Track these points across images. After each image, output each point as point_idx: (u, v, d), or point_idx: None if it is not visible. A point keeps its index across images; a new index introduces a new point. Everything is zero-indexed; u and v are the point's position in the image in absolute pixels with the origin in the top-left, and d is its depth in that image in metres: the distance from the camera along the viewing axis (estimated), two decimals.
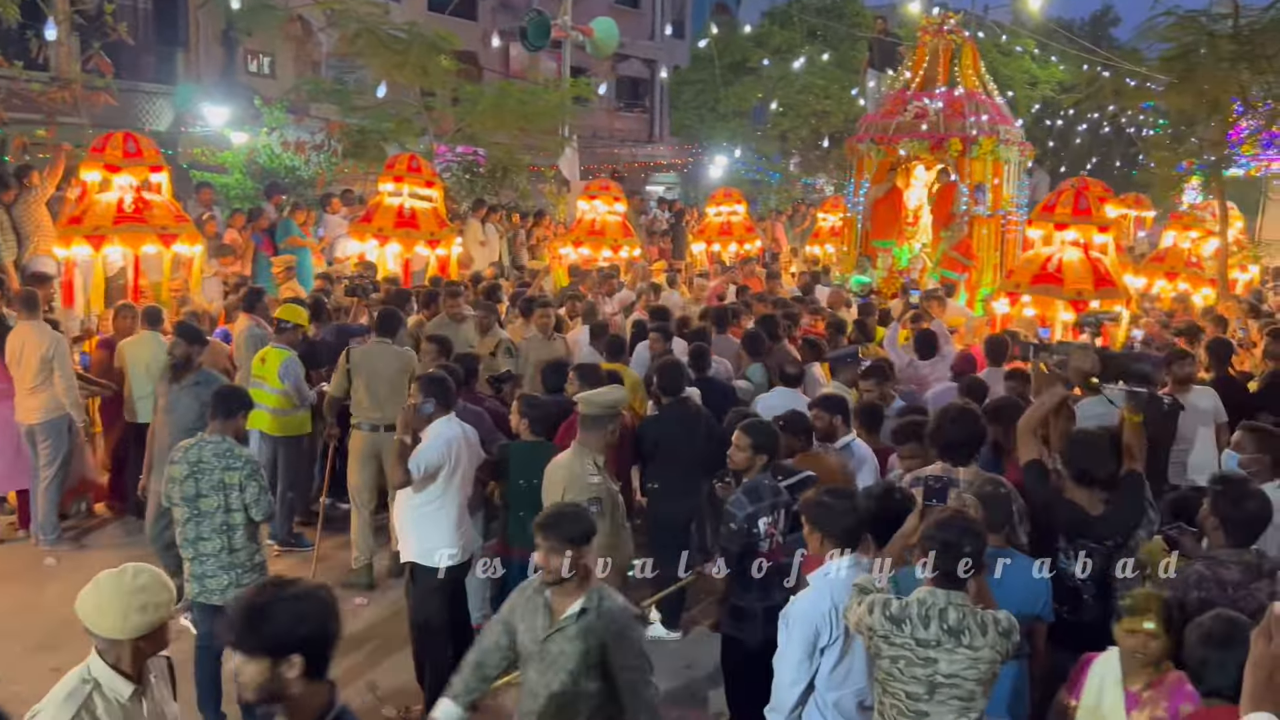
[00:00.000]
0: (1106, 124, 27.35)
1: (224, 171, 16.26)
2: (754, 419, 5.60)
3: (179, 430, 6.85)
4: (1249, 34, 11.23)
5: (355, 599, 7.61)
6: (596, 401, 5.36)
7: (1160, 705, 3.76)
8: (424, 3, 27.25)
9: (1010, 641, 3.64)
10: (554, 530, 3.86)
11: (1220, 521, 4.21)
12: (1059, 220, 9.78)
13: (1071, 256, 9.62)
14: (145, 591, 3.39)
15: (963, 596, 3.67)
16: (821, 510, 4.19)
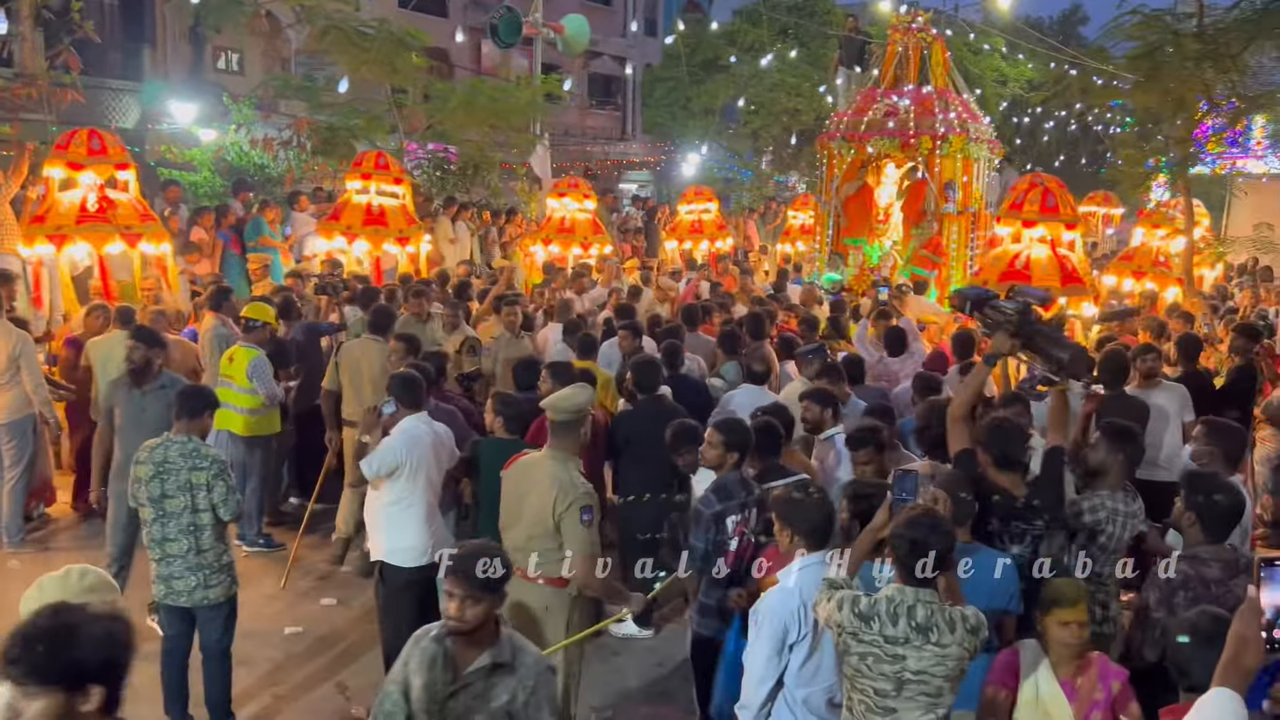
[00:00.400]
0: (1074, 122, 27.57)
1: (192, 169, 16.11)
2: (728, 417, 5.61)
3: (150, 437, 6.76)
4: (1213, 33, 11.34)
5: (324, 599, 7.57)
6: (564, 407, 5.20)
7: (1097, 690, 3.86)
8: (394, 0, 27.12)
9: (978, 638, 3.66)
10: (467, 574, 3.48)
11: (1196, 517, 4.25)
12: (1027, 218, 9.85)
13: (1039, 254, 9.69)
14: (93, 591, 3.32)
15: (931, 594, 3.67)
16: (791, 507, 4.19)
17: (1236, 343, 8.58)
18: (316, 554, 8.45)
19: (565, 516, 4.97)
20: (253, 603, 7.34)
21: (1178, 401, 7.51)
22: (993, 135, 16.24)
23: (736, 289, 12.97)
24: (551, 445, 5.22)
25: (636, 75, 34.83)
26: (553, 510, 4.99)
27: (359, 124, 15.95)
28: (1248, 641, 2.38)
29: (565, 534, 4.99)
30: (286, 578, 7.78)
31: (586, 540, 4.95)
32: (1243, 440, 5.43)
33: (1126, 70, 12.49)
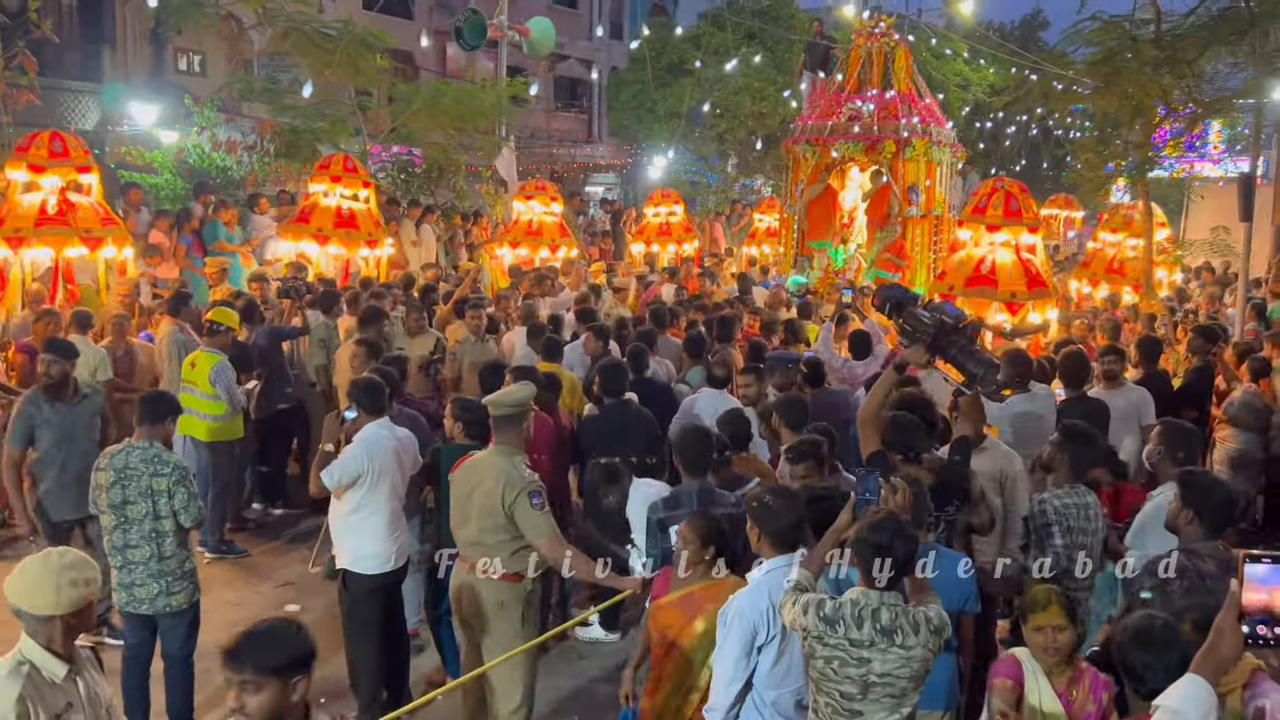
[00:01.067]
0: (1035, 126, 27.86)
1: (153, 171, 15.93)
2: (687, 427, 5.64)
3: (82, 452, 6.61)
4: (1170, 39, 11.51)
5: (287, 605, 7.51)
6: (505, 402, 5.29)
7: (1089, 702, 3.86)
8: (359, 1, 26.95)
9: (941, 638, 3.69)
10: (252, 658, 3.00)
11: (1195, 515, 4.32)
12: (990, 222, 9.91)
13: (1004, 258, 9.77)
14: (74, 568, 3.45)
15: (895, 596, 3.69)
16: (761, 508, 4.18)
17: (1194, 343, 8.70)
18: (279, 560, 8.40)
19: (516, 506, 5.05)
20: (215, 610, 7.26)
21: (1136, 404, 7.60)
22: (955, 139, 16.39)
23: (699, 292, 13.01)
24: (496, 441, 5.32)
25: (602, 78, 34.82)
26: (501, 503, 5.06)
27: (322, 126, 15.81)
28: (1225, 633, 2.47)
29: (521, 524, 5.06)
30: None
31: (544, 524, 5.05)
32: (1196, 441, 5.49)
33: (1086, 75, 12.64)
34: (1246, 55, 11.79)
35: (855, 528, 3.81)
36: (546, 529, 5.06)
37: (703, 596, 4.44)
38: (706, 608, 4.38)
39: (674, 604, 4.53)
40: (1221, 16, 11.37)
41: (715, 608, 4.26)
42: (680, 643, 4.47)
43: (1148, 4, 12.72)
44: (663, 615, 4.55)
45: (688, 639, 4.45)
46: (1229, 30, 11.20)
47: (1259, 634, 2.45)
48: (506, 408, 5.28)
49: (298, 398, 9.59)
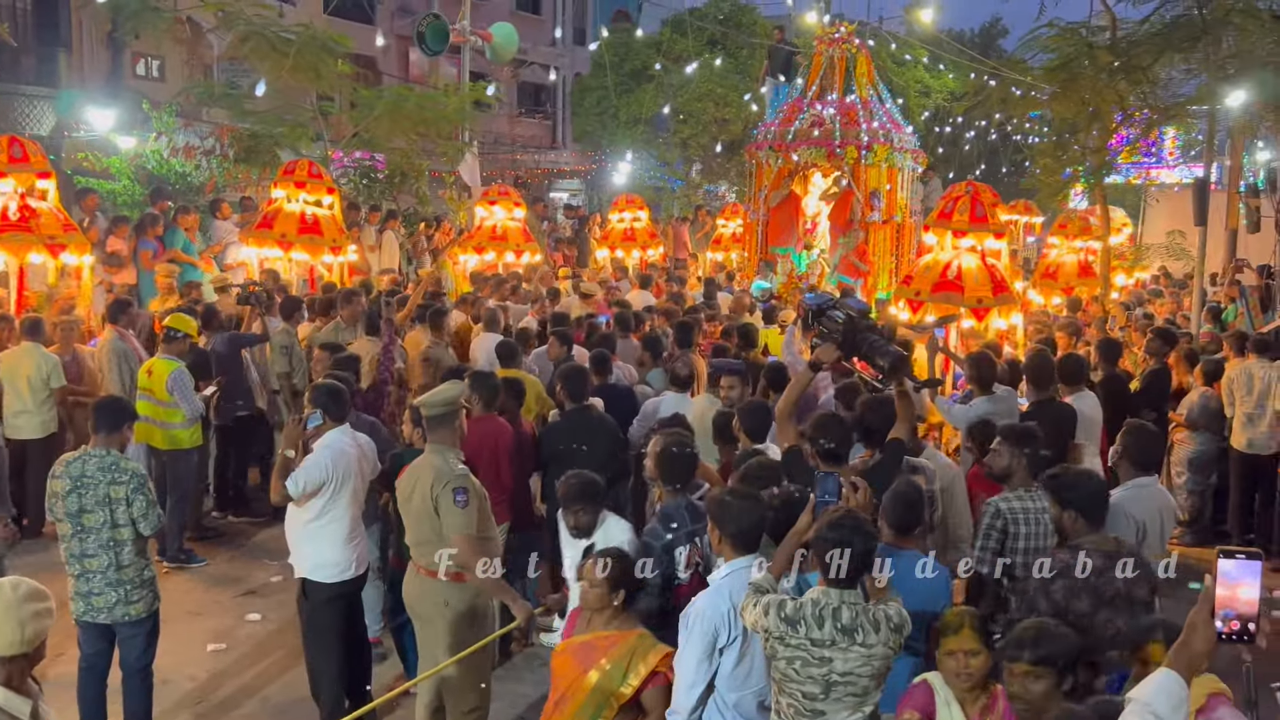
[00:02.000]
0: (994, 131, 28.13)
1: (110, 178, 15.72)
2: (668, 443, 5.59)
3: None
4: (1125, 46, 11.68)
5: (248, 614, 7.43)
6: (434, 402, 5.33)
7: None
8: (320, 5, 26.77)
9: (902, 636, 3.70)
10: None
11: (1075, 514, 4.41)
12: (956, 227, 9.94)
13: (970, 263, 9.84)
14: (32, 599, 3.33)
15: (856, 595, 3.70)
16: (722, 509, 4.16)
17: (1153, 345, 8.81)
18: (240, 569, 8.31)
19: (440, 500, 5.08)
20: (174, 619, 7.17)
21: (1090, 406, 7.66)
22: (916, 145, 16.53)
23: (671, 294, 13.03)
24: (430, 441, 5.36)
25: (566, 84, 34.80)
26: (431, 497, 5.09)
27: (282, 132, 15.68)
28: (1197, 628, 2.49)
29: (442, 518, 5.08)
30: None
31: (462, 521, 5.04)
32: (1157, 442, 5.56)
33: (1044, 81, 12.80)
34: (1199, 62, 11.99)
35: (814, 527, 3.82)
36: (462, 527, 5.05)
37: (602, 646, 4.18)
38: (602, 661, 4.14)
39: (572, 651, 4.27)
40: (1175, 24, 11.55)
41: (612, 662, 4.07)
42: (570, 697, 4.20)
43: (1103, 11, 12.92)
44: (559, 662, 4.30)
45: (577, 693, 4.18)
46: (1182, 37, 11.38)
47: (1232, 629, 2.47)
48: (437, 407, 5.32)
49: (258, 405, 9.50)
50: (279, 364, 9.35)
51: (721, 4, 31.21)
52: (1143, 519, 5.05)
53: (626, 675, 4.12)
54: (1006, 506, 5.08)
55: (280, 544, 7.61)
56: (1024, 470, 5.15)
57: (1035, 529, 5.03)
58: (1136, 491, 5.14)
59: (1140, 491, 5.15)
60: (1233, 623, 2.46)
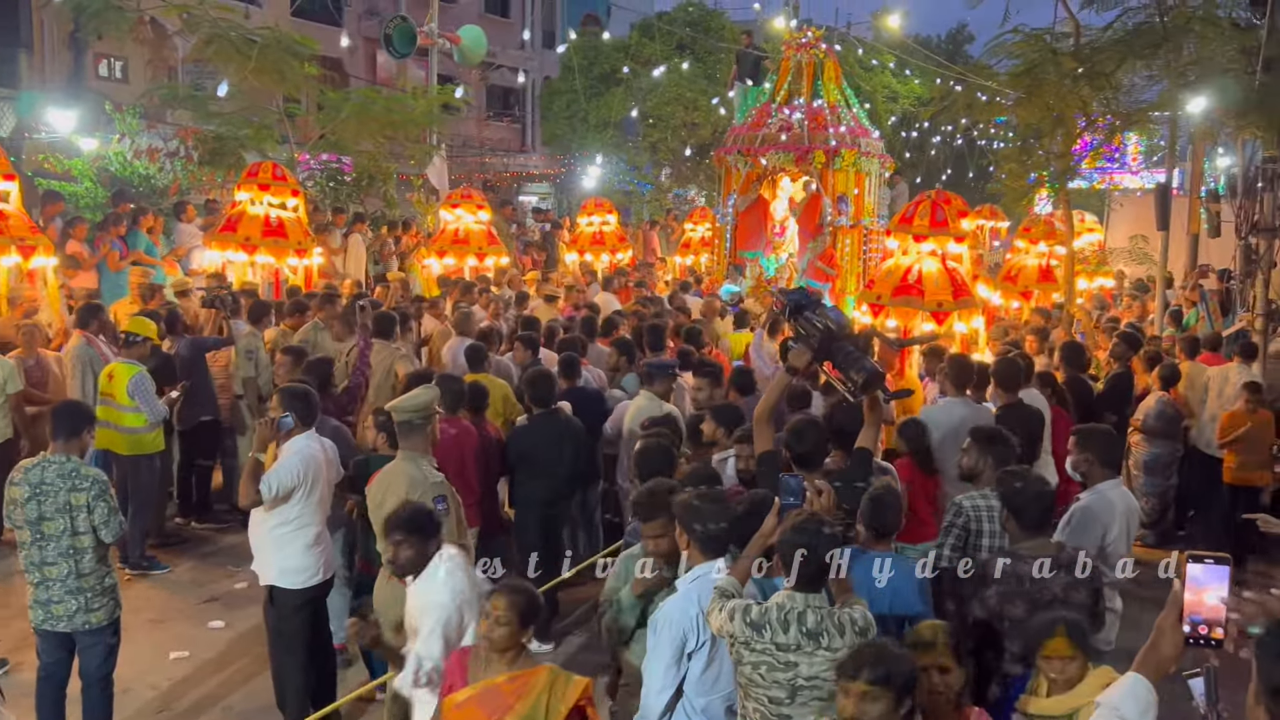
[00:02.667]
0: (960, 137, 28.36)
1: (72, 180, 15.53)
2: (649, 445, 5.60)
3: None
4: (1089, 52, 11.78)
5: (211, 622, 7.35)
6: (407, 407, 5.31)
7: None
8: (286, 7, 26.59)
9: (867, 639, 3.68)
10: None
11: (1010, 514, 4.50)
12: (917, 232, 10.03)
13: (930, 267, 9.90)
14: None
15: (821, 599, 3.71)
16: (690, 512, 4.15)
17: (1117, 349, 8.90)
18: (203, 575, 8.22)
19: None
20: (135, 627, 7.09)
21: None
22: (883, 150, 16.62)
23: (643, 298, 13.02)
24: (401, 448, 5.35)
25: (534, 87, 34.75)
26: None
27: (248, 134, 15.54)
28: (1165, 632, 2.52)
29: None
30: None
31: (444, 529, 4.95)
32: (1116, 444, 5.61)
33: (1009, 86, 12.90)
34: (1161, 69, 12.12)
35: (779, 530, 3.82)
36: (445, 535, 4.94)
37: (510, 691, 3.70)
38: (516, 707, 3.65)
39: (477, 701, 3.72)
40: (1137, 31, 11.66)
41: (528, 706, 3.64)
42: None
43: (1066, 18, 13.04)
44: (460, 715, 3.72)
45: None
46: (1144, 44, 11.49)
47: (1199, 633, 2.49)
48: (409, 413, 5.30)
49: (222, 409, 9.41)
50: (244, 369, 9.25)
51: (689, 9, 31.31)
52: (1108, 522, 5.10)
53: (547, 718, 3.68)
54: (970, 505, 5.12)
55: (244, 550, 7.54)
56: (990, 470, 5.18)
57: (998, 527, 5.02)
58: (1106, 493, 5.18)
59: (1112, 493, 5.20)
60: (1200, 627, 2.48)
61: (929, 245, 9.97)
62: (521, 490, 7.16)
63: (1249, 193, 12.22)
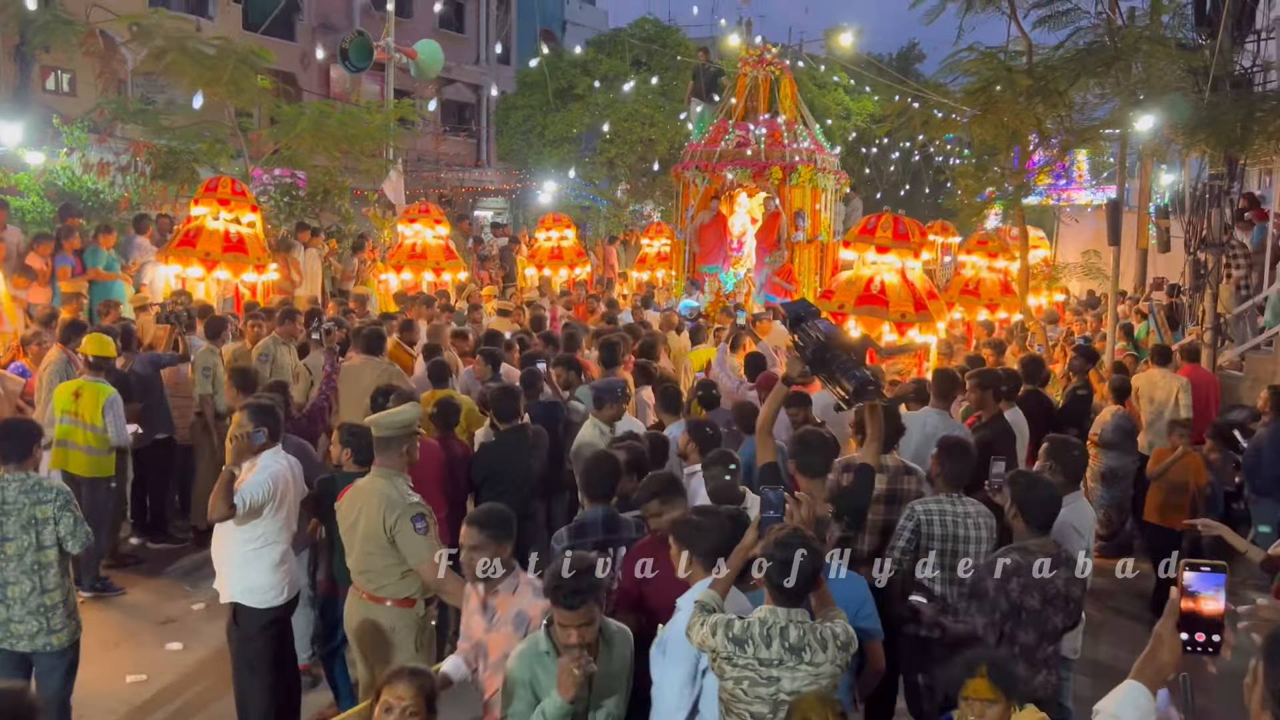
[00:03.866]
0: (917, 153, 28.68)
1: (18, 194, 15.21)
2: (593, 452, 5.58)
3: None
4: (1043, 70, 12.02)
5: (169, 644, 7.20)
6: (389, 423, 5.18)
7: None
8: (239, 21, 26.35)
9: (849, 653, 3.70)
10: None
11: (1019, 511, 4.58)
12: (880, 243, 10.08)
13: (891, 279, 9.98)
14: None
15: (803, 613, 3.69)
16: (690, 529, 4.11)
17: (1075, 364, 9.02)
18: (160, 597, 8.06)
19: (399, 531, 4.98)
20: (90, 650, 6.92)
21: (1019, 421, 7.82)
22: (838, 166, 16.78)
23: (593, 318, 13.00)
24: (377, 464, 5.24)
25: (490, 102, 34.70)
26: (384, 527, 4.99)
27: (201, 148, 15.33)
28: (1163, 640, 2.52)
29: (403, 548, 4.99)
30: None
31: (426, 547, 4.96)
32: (1083, 459, 5.71)
33: (965, 104, 13.10)
34: (1112, 87, 12.38)
35: (760, 544, 3.80)
36: (427, 553, 4.97)
37: None
38: None
39: None
40: (1088, 50, 11.92)
41: None
42: None
43: (1019, 36, 13.29)
44: None
45: None
46: (1096, 62, 11.75)
47: (1196, 640, 2.51)
48: (390, 429, 5.18)
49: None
50: (202, 385, 9.10)
51: (646, 25, 31.43)
52: (1083, 531, 5.20)
53: None
54: (922, 509, 5.28)
55: (202, 571, 7.44)
56: (943, 478, 5.37)
57: (949, 531, 5.21)
58: (1074, 505, 5.27)
59: (1077, 505, 5.30)
60: (1198, 634, 2.50)
61: (890, 257, 10.04)
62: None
63: (1197, 209, 12.51)
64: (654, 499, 4.72)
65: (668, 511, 4.61)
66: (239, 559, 5.52)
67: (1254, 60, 13.32)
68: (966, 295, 12.49)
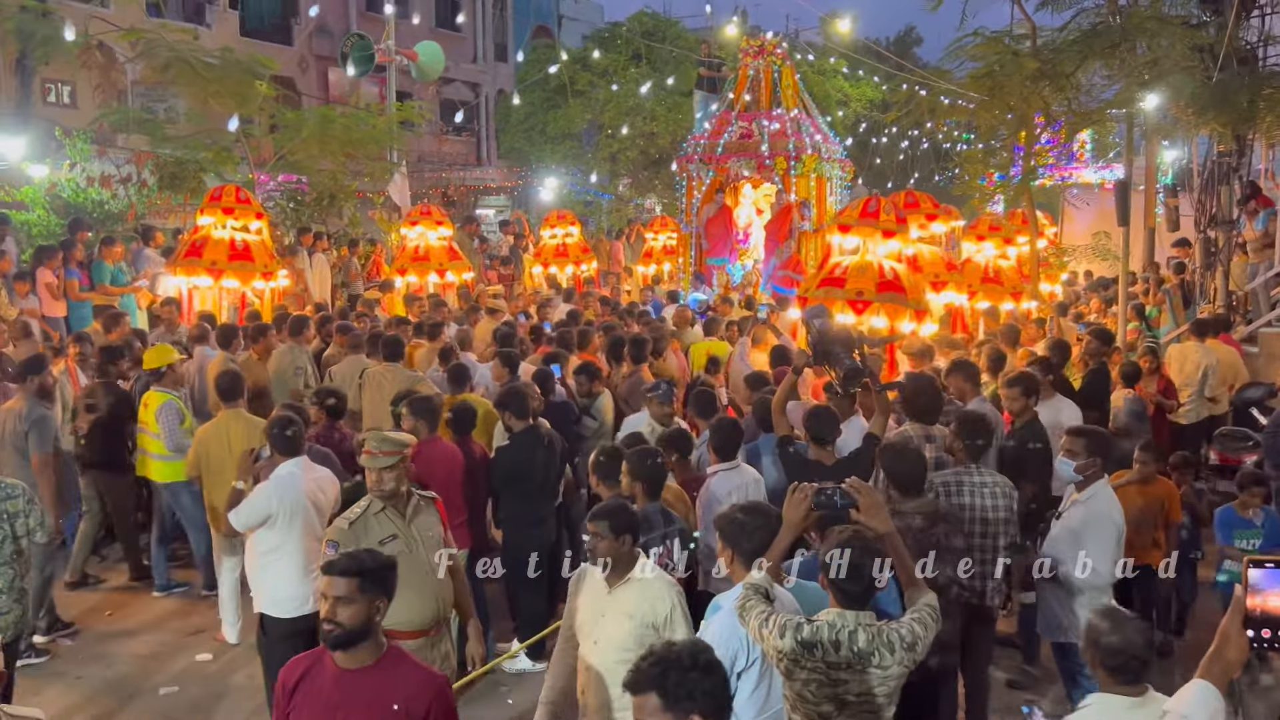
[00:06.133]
0: (925, 140, 28.49)
1: (23, 208, 15.21)
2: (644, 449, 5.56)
3: None
4: (1049, 54, 11.96)
5: (198, 655, 7.20)
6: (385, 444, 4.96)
7: None
8: (236, 28, 26.31)
9: (915, 654, 3.64)
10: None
11: (890, 482, 5.03)
12: (885, 227, 9.93)
13: (901, 267, 9.90)
14: None
15: (870, 616, 3.65)
16: (734, 527, 4.06)
17: (1091, 346, 8.95)
18: (187, 607, 8.07)
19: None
20: (123, 661, 6.98)
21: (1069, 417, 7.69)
22: (842, 154, 16.74)
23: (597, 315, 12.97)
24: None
25: (489, 101, 34.66)
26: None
27: (206, 157, 15.33)
28: (1230, 637, 2.50)
29: None
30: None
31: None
32: (1109, 441, 5.68)
33: (971, 89, 13.04)
34: (1118, 68, 12.31)
35: (824, 549, 3.74)
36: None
37: None
38: None
39: None
40: (1094, 31, 11.86)
41: None
42: None
43: (1022, 19, 13.23)
44: None
45: None
46: (1102, 44, 11.68)
47: (1262, 637, 2.48)
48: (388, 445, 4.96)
49: None
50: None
51: (644, 19, 31.36)
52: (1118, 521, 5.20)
53: None
54: (940, 480, 5.50)
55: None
56: (960, 451, 5.67)
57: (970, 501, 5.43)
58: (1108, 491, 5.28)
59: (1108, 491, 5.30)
60: (1264, 631, 2.47)
61: (895, 243, 9.93)
62: (509, 510, 7.06)
63: (1206, 187, 12.46)
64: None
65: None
66: (261, 568, 5.61)
67: (1259, 36, 13.27)
68: (989, 284, 12.23)
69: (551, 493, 7.24)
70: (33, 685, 6.49)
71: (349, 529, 4.77)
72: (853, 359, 5.88)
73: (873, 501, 3.86)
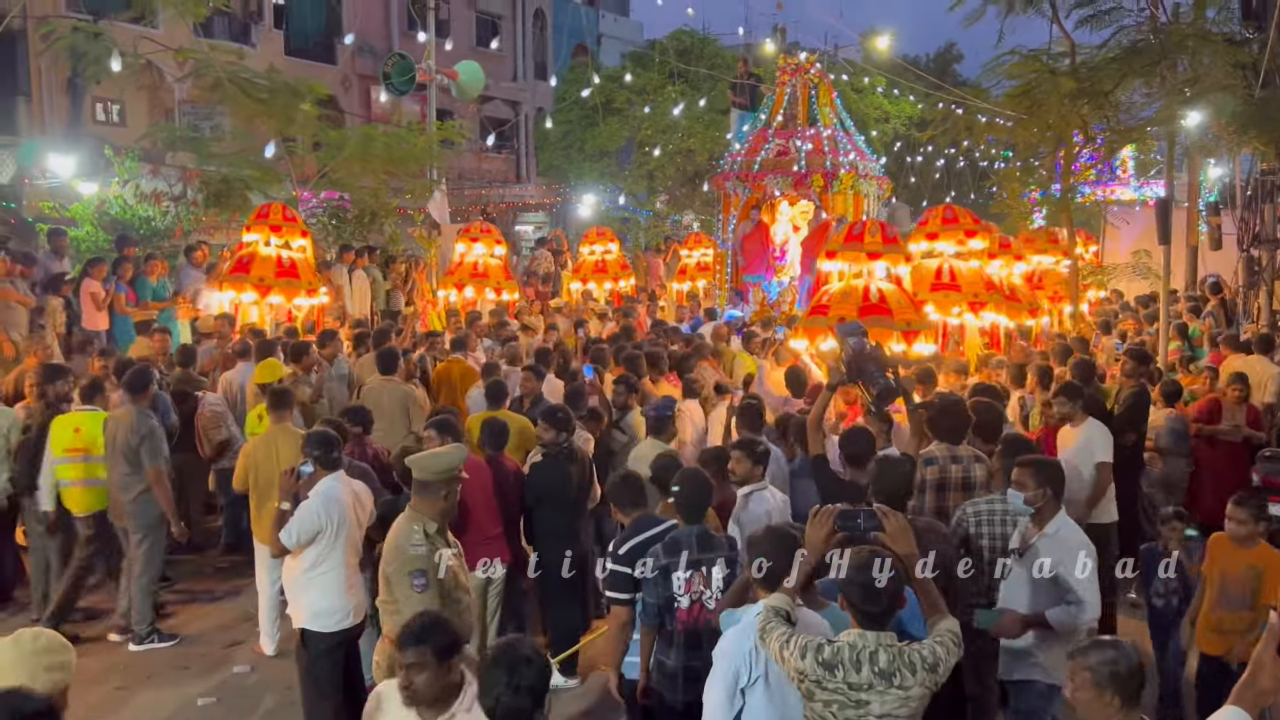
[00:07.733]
0: (962, 159, 28.33)
1: (74, 224, 15.53)
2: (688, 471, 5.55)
3: None
4: (1087, 72, 11.90)
5: (235, 667, 7.30)
6: (429, 467, 4.95)
7: None
8: (280, 47, 26.76)
9: (937, 675, 3.65)
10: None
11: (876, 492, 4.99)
12: (870, 249, 10.03)
13: (887, 286, 9.98)
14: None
15: (891, 637, 3.67)
16: (754, 548, 4.14)
17: (1128, 367, 8.86)
18: (226, 619, 8.18)
19: (394, 583, 4.87)
20: (162, 673, 7.09)
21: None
22: (879, 172, 16.72)
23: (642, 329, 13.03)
24: (410, 504, 5.06)
25: (529, 119, 34.95)
26: (388, 569, 4.93)
27: (252, 175, 15.59)
28: (1264, 665, 2.49)
29: (398, 599, 4.87)
30: None
31: (418, 603, 4.65)
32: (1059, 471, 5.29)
33: (1007, 107, 12.99)
34: (1158, 85, 12.22)
35: (846, 568, 3.76)
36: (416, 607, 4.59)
37: None
38: None
39: None
40: (1134, 49, 11.79)
41: None
42: None
43: (1061, 37, 13.17)
44: None
45: None
46: (1142, 62, 11.61)
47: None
48: (430, 473, 4.95)
49: None
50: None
51: (682, 37, 31.49)
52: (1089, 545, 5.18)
53: None
54: (973, 510, 5.49)
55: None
56: (1002, 475, 5.58)
57: (1002, 530, 5.34)
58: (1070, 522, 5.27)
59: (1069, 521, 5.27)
60: None
61: (882, 264, 9.98)
62: (543, 527, 7.10)
63: (1249, 205, 12.30)
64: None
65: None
66: (303, 584, 5.64)
67: None
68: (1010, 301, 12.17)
69: (582, 509, 7.29)
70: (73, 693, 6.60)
71: (427, 554, 4.83)
72: (886, 378, 5.92)
73: (899, 525, 3.89)
